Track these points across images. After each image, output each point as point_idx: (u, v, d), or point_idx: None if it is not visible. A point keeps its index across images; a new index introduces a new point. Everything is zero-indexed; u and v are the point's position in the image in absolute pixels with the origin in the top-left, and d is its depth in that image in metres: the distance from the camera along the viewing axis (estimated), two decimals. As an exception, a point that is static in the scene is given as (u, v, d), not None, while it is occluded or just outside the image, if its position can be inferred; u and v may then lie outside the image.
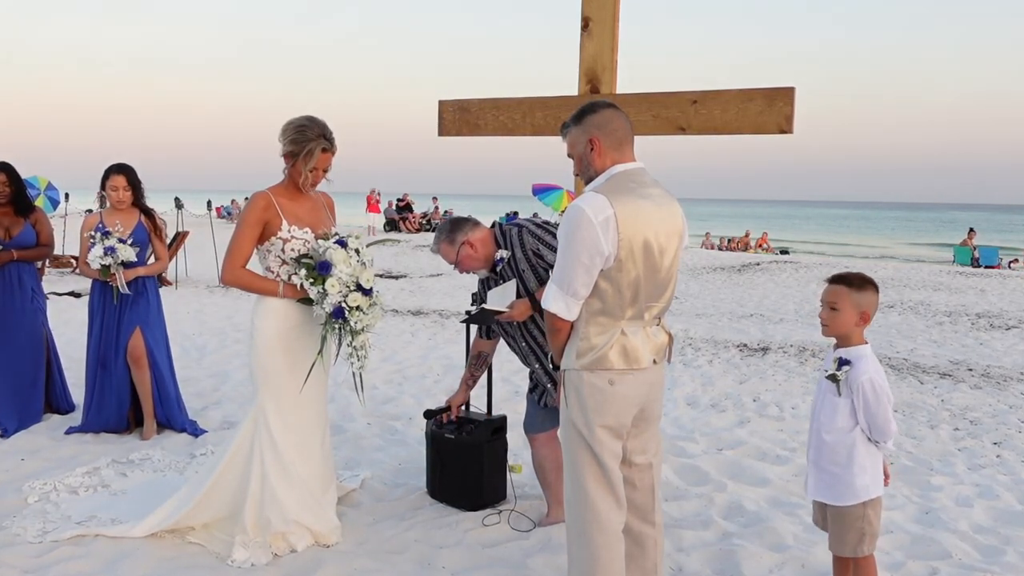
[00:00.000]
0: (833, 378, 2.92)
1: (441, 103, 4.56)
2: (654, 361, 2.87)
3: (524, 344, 3.81)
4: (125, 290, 5.20)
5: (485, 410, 4.49)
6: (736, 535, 3.95)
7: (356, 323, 3.60)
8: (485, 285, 3.90)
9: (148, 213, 5.42)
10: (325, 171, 3.72)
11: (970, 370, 7.89)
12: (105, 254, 5.10)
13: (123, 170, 5.30)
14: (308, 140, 3.61)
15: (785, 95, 3.71)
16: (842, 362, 2.92)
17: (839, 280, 2.95)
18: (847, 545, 2.96)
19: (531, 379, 3.99)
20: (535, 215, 26.89)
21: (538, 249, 3.65)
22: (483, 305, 3.76)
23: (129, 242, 5.21)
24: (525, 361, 3.89)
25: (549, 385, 3.80)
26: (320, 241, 3.65)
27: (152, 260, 5.52)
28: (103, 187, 5.30)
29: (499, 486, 4.29)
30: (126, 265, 5.20)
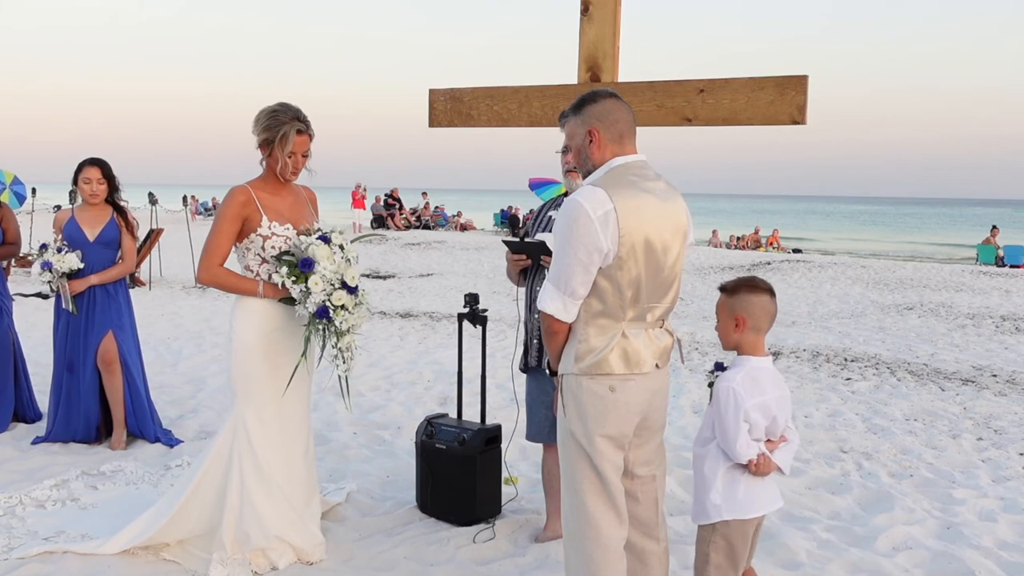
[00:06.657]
0: (710, 385, 2.91)
1: (432, 92, 4.55)
2: (657, 366, 2.86)
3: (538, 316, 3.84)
4: (70, 307, 5.15)
5: (478, 419, 4.49)
6: (745, 551, 3.95)
7: (341, 323, 3.60)
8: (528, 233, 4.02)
9: (120, 210, 5.41)
10: (304, 156, 3.74)
11: (994, 376, 7.90)
12: (43, 270, 5.07)
13: (97, 162, 5.32)
14: (282, 124, 3.64)
15: (798, 84, 3.71)
16: (717, 367, 2.91)
17: (719, 288, 2.95)
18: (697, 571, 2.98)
19: (547, 369, 3.96)
20: (531, 212, 26.89)
21: None
22: (541, 237, 3.78)
23: (72, 251, 5.14)
24: (532, 334, 3.91)
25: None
26: (302, 237, 3.66)
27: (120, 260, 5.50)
28: (75, 181, 5.30)
29: (493, 499, 4.29)
30: (74, 275, 5.16)
